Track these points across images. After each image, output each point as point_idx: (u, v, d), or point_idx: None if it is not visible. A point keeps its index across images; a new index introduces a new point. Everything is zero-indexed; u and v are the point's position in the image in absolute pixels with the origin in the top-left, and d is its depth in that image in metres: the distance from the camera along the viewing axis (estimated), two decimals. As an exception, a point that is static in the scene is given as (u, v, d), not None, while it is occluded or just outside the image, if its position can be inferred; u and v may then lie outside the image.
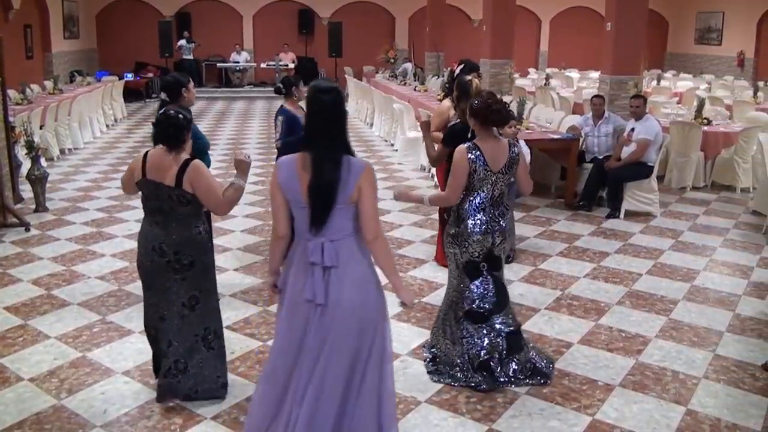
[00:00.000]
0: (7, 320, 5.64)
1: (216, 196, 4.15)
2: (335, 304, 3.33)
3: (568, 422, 4.26)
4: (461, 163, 4.53)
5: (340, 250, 3.34)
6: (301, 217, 3.36)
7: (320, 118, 3.33)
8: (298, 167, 3.32)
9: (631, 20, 11.59)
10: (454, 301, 4.83)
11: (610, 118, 9.34)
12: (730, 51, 24.16)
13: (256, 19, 25.46)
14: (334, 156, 3.29)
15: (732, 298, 6.26)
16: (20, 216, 8.20)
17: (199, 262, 4.26)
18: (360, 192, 3.31)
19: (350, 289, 3.36)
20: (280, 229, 3.45)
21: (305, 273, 3.36)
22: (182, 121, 4.19)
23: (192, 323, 4.33)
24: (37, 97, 14.23)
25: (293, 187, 3.32)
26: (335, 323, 3.35)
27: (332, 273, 3.33)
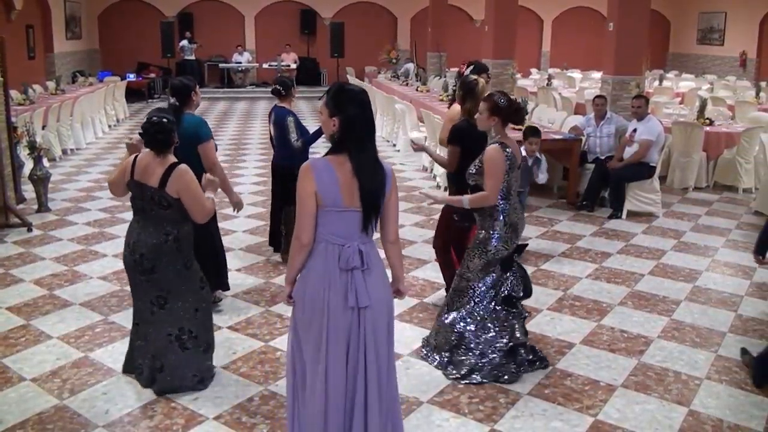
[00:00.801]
0: (9, 320, 5.64)
1: (200, 203, 4.28)
2: (376, 304, 3.35)
3: (570, 423, 4.25)
4: (500, 163, 4.62)
5: (372, 253, 3.37)
6: (338, 222, 3.29)
7: (363, 120, 3.29)
8: (336, 171, 3.25)
9: (633, 20, 11.58)
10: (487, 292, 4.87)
11: (612, 118, 9.34)
12: (732, 51, 24.14)
13: (258, 20, 25.47)
14: (377, 159, 3.32)
15: (734, 298, 6.26)
16: (22, 216, 8.21)
17: (160, 269, 4.35)
18: (389, 195, 3.36)
19: (382, 288, 3.41)
20: (306, 236, 3.30)
21: (341, 278, 3.29)
22: (167, 125, 4.32)
23: (164, 321, 4.44)
24: (39, 97, 14.23)
25: (333, 191, 3.24)
26: (377, 323, 3.36)
27: (367, 275, 3.34)
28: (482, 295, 4.83)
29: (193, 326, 4.48)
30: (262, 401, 4.44)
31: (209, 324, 4.64)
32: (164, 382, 4.50)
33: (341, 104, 3.27)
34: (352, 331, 3.32)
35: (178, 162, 4.30)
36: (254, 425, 4.18)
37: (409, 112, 12.89)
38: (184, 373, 4.49)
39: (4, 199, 8.13)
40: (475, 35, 24.33)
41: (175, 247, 4.35)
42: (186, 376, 4.50)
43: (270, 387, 4.61)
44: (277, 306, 5.94)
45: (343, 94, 3.30)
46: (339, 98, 3.29)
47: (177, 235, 4.35)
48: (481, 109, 4.80)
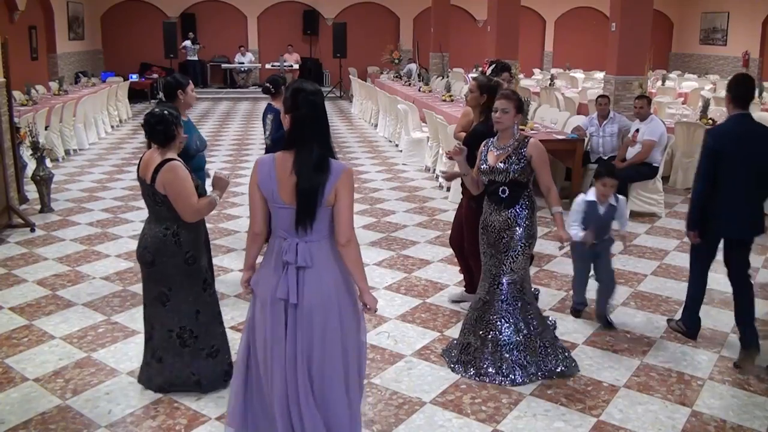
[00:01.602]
0: (12, 320, 5.65)
1: (184, 201, 4.21)
2: (308, 304, 3.35)
3: (573, 423, 4.25)
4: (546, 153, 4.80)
5: (314, 252, 3.35)
6: (279, 216, 3.37)
7: (309, 119, 3.32)
8: (277, 167, 3.34)
9: (636, 20, 11.58)
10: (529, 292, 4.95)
11: (615, 118, 9.33)
12: (735, 51, 24.11)
13: (261, 20, 25.49)
14: (321, 158, 3.30)
15: (737, 299, 6.24)
16: (25, 217, 8.22)
17: (160, 263, 4.34)
18: (337, 195, 3.31)
19: (323, 290, 3.37)
20: (257, 226, 3.48)
21: (278, 271, 3.38)
22: (168, 116, 4.27)
23: (166, 317, 4.43)
24: (42, 98, 14.26)
25: (270, 186, 3.34)
26: (311, 323, 3.36)
27: (306, 273, 3.35)
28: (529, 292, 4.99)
29: (194, 327, 4.44)
30: (265, 401, 4.44)
31: (215, 329, 4.54)
32: (160, 376, 4.47)
33: (294, 103, 3.34)
34: (288, 325, 3.37)
35: (171, 159, 4.23)
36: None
37: (411, 113, 12.88)
38: (181, 370, 4.45)
39: (7, 200, 8.14)
40: (477, 35, 24.39)
41: (173, 242, 4.31)
42: (183, 373, 4.46)
43: (272, 387, 4.60)
44: (280, 306, 5.93)
45: (297, 94, 3.35)
46: (293, 97, 3.35)
47: (176, 230, 4.31)
48: (506, 107, 4.73)
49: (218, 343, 4.56)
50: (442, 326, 5.58)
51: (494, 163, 4.77)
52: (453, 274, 6.65)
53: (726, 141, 4.96)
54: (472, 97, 5.77)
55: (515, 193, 4.75)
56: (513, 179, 4.71)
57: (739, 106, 5.01)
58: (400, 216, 8.73)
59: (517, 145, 4.76)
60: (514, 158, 4.70)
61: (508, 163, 4.70)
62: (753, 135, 4.97)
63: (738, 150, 4.91)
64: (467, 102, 5.87)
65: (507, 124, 4.77)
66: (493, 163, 4.77)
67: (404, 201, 9.51)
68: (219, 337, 4.58)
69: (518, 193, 4.75)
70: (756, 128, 5.03)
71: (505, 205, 4.77)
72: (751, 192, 5.01)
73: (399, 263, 7.02)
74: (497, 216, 4.80)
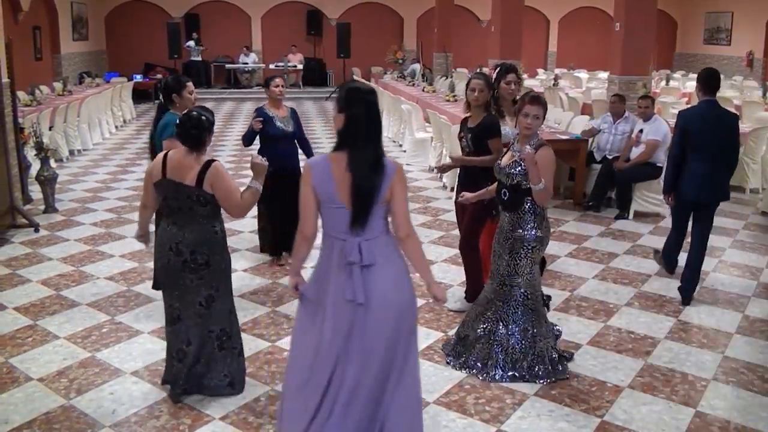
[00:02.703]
0: (16, 320, 5.66)
1: (236, 198, 4.22)
2: (377, 303, 3.36)
3: (577, 423, 4.24)
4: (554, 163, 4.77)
5: (375, 249, 3.38)
6: (335, 217, 3.36)
7: (365, 119, 3.33)
8: (333, 167, 3.33)
9: (640, 20, 11.56)
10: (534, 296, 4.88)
11: (629, 118, 9.25)
12: (738, 51, 24.07)
13: (265, 21, 25.50)
14: (376, 158, 3.33)
15: (741, 299, 6.24)
16: (29, 217, 8.23)
17: (214, 261, 4.29)
18: (392, 192, 3.36)
19: (388, 287, 3.40)
20: (308, 229, 3.43)
21: (341, 274, 3.37)
22: (204, 122, 4.25)
23: (207, 322, 4.37)
24: (45, 98, 14.27)
25: (328, 187, 3.33)
26: (375, 323, 3.37)
27: (370, 271, 3.36)
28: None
29: (229, 328, 4.45)
30: (269, 401, 4.44)
31: (238, 327, 4.59)
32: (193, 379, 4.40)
33: (348, 102, 3.34)
34: (355, 325, 3.36)
35: (212, 160, 4.22)
36: (261, 425, 4.18)
37: (415, 113, 12.89)
38: (215, 372, 4.43)
39: (11, 200, 8.16)
40: (481, 36, 24.36)
41: (222, 239, 4.33)
42: (217, 376, 4.44)
43: (277, 387, 4.60)
44: (284, 306, 5.95)
45: (351, 92, 3.36)
46: (347, 96, 3.36)
47: (222, 227, 4.34)
48: (537, 112, 4.67)
49: (242, 343, 4.60)
50: (446, 326, 5.58)
51: (505, 164, 4.81)
52: (456, 274, 6.65)
53: (693, 121, 6.02)
54: (482, 96, 5.61)
55: (516, 197, 4.73)
56: (515, 183, 4.71)
57: (708, 94, 6.05)
58: (403, 216, 8.71)
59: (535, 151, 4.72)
60: (519, 162, 4.69)
61: (515, 168, 4.71)
62: (716, 117, 5.97)
63: (702, 129, 5.92)
64: (476, 102, 5.68)
65: (536, 130, 4.76)
66: (505, 164, 4.82)
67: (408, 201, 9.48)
68: (240, 335, 4.62)
69: (519, 197, 4.72)
70: (719, 112, 6.03)
71: (504, 207, 4.83)
72: (715, 164, 5.94)
73: (402, 263, 7.01)
74: (504, 217, 4.85)
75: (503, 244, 4.82)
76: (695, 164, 5.95)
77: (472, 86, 5.64)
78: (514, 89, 5.95)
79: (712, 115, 5.95)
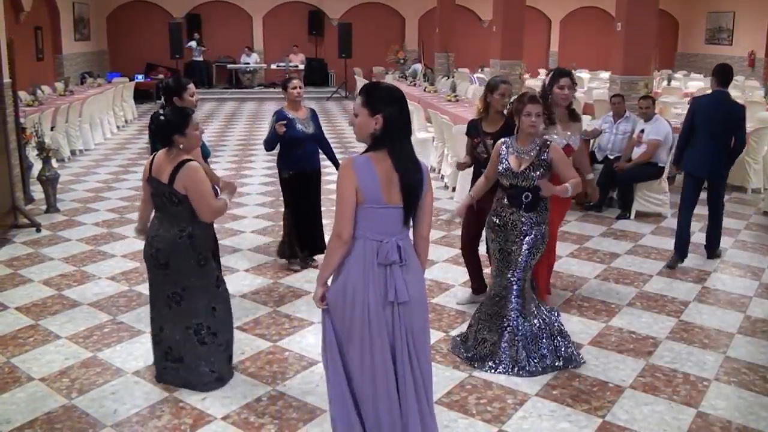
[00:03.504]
0: (18, 320, 5.67)
1: (207, 202, 4.30)
2: (415, 299, 3.41)
3: (579, 424, 4.24)
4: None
5: (408, 248, 3.44)
6: (378, 218, 3.34)
7: (403, 116, 3.36)
8: (377, 168, 3.30)
9: (642, 20, 11.54)
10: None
11: (630, 117, 9.26)
12: (740, 51, 24.04)
13: (266, 21, 25.50)
14: (415, 155, 3.39)
15: (743, 299, 6.23)
16: (31, 217, 8.24)
17: (174, 264, 4.38)
18: (426, 192, 3.41)
19: (419, 283, 3.48)
20: (347, 233, 3.32)
21: (380, 274, 3.35)
22: (164, 122, 4.36)
23: (181, 315, 4.47)
24: (47, 98, 14.27)
25: (374, 188, 3.29)
26: (416, 317, 3.43)
27: (405, 270, 3.39)
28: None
29: (211, 323, 4.51)
30: (270, 401, 4.45)
31: (229, 322, 4.67)
32: (178, 377, 4.54)
33: (381, 102, 3.32)
34: (394, 326, 3.38)
35: (189, 159, 4.31)
36: (262, 425, 4.18)
37: (416, 113, 12.87)
38: (201, 368, 4.50)
39: (13, 200, 8.17)
40: (483, 35, 24.33)
41: (188, 243, 4.36)
42: (204, 371, 4.51)
43: (278, 387, 4.61)
44: (285, 306, 5.95)
45: (381, 92, 3.37)
46: (378, 96, 3.35)
47: (191, 232, 4.36)
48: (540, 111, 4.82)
49: (230, 336, 4.69)
50: (447, 326, 5.58)
51: (517, 168, 4.85)
52: (458, 274, 6.65)
53: (701, 105, 6.99)
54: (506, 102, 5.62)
55: (537, 197, 4.88)
56: (537, 185, 4.84)
57: (721, 85, 6.91)
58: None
59: (539, 150, 4.84)
60: (537, 165, 4.82)
61: (532, 170, 4.82)
62: (723, 105, 6.85)
63: (708, 114, 6.84)
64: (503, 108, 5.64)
65: (540, 128, 4.88)
66: (516, 168, 4.86)
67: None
68: (231, 330, 4.70)
69: (539, 196, 4.89)
70: (727, 100, 6.93)
71: (525, 208, 4.89)
72: (716, 146, 6.83)
73: (404, 263, 7.01)
74: (518, 216, 4.91)
75: (517, 242, 4.92)
76: (699, 143, 6.88)
77: (501, 91, 5.63)
78: (568, 94, 5.72)
79: (721, 102, 6.85)
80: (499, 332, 4.92)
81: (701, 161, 6.90)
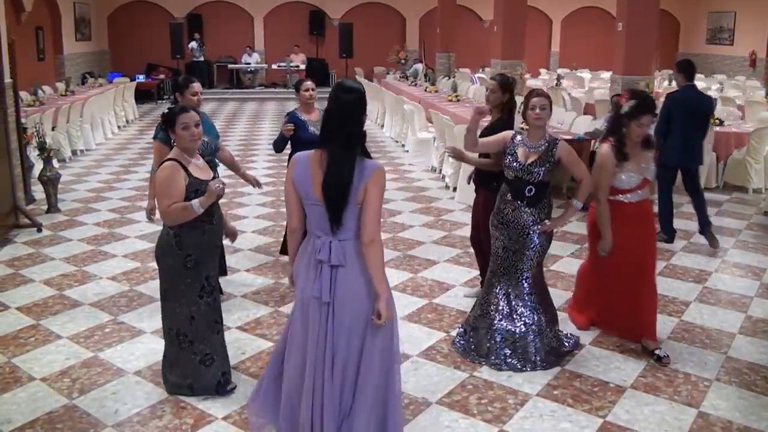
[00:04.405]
0: (19, 320, 5.67)
1: (161, 204, 4.24)
2: (341, 303, 3.36)
3: (580, 424, 4.24)
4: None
5: (348, 250, 3.36)
6: (313, 214, 3.40)
7: (338, 116, 3.35)
8: (312, 164, 3.35)
9: (642, 20, 11.54)
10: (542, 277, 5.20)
11: None
12: (741, 51, 24.03)
13: (267, 21, 25.51)
14: (350, 156, 3.30)
15: (744, 299, 6.23)
16: (32, 217, 8.25)
17: (161, 259, 4.40)
18: (365, 193, 3.30)
19: (356, 289, 3.37)
20: (292, 223, 3.52)
21: (314, 269, 3.41)
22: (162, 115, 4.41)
23: (165, 317, 4.48)
24: (48, 98, 14.30)
25: (306, 183, 3.36)
26: (346, 322, 3.37)
27: (339, 272, 3.36)
28: None
29: (188, 331, 4.40)
30: (271, 401, 4.44)
31: (210, 337, 4.46)
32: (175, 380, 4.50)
33: (329, 99, 3.40)
34: (320, 323, 3.39)
35: (169, 159, 4.29)
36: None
37: (417, 113, 12.89)
38: (180, 371, 4.45)
39: (14, 200, 8.17)
40: (484, 35, 24.30)
41: (174, 242, 4.28)
42: (180, 374, 4.46)
43: (279, 387, 4.61)
44: (286, 306, 5.95)
45: (332, 90, 3.43)
46: (331, 93, 3.42)
47: (177, 231, 4.27)
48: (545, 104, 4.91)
49: (213, 352, 4.47)
50: (448, 326, 5.58)
51: (525, 161, 4.89)
52: (459, 274, 6.65)
53: (679, 101, 7.57)
54: (494, 97, 5.70)
55: (540, 192, 4.92)
56: (541, 180, 4.88)
57: (688, 80, 7.64)
58: (406, 216, 8.73)
59: (547, 146, 4.88)
60: (544, 160, 4.86)
61: (539, 164, 4.85)
62: (698, 98, 7.64)
63: (687, 107, 7.48)
64: (489, 103, 5.75)
65: (546, 120, 4.96)
66: (524, 160, 4.90)
67: (411, 201, 9.51)
68: (214, 346, 4.49)
69: (542, 192, 4.93)
70: (700, 93, 7.79)
71: (527, 202, 4.92)
72: (691, 136, 7.52)
73: (405, 263, 7.02)
74: (520, 213, 4.94)
75: (518, 240, 4.95)
76: (675, 135, 7.46)
77: (489, 87, 5.75)
78: (647, 132, 5.06)
79: (696, 96, 7.65)
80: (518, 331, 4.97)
81: (685, 152, 7.54)
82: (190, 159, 4.33)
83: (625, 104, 4.96)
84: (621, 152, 4.97)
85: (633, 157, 4.99)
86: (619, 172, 4.99)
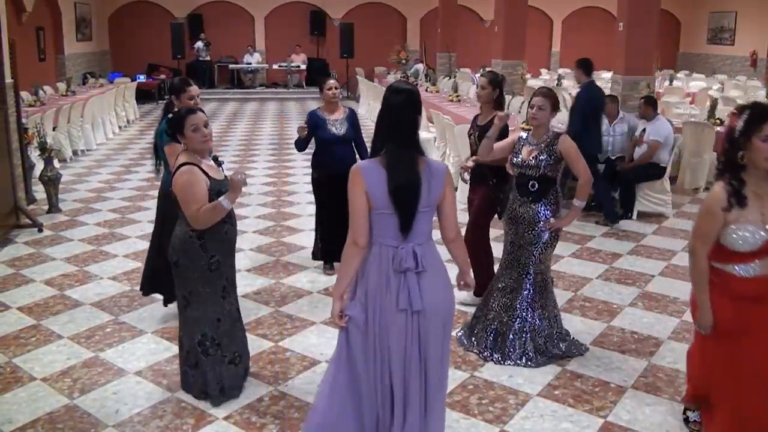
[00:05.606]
0: (20, 320, 5.67)
1: (190, 211, 4.12)
2: (433, 308, 3.29)
3: (580, 424, 4.24)
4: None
5: (426, 254, 3.30)
6: (381, 222, 3.25)
7: (390, 118, 3.30)
8: (380, 171, 3.23)
9: (643, 20, 11.54)
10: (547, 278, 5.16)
11: (625, 117, 9.26)
12: (742, 51, 24.03)
13: (268, 21, 25.52)
14: (410, 157, 3.24)
15: (745, 299, 6.21)
16: (33, 217, 8.25)
17: (183, 265, 4.25)
18: (444, 194, 3.30)
19: (440, 292, 3.35)
20: (363, 239, 3.26)
21: (395, 281, 3.26)
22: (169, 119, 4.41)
23: (189, 323, 4.36)
24: (49, 98, 14.30)
25: (381, 192, 3.21)
26: (430, 326, 3.30)
27: (422, 277, 3.28)
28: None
29: (215, 335, 4.36)
30: (272, 401, 4.45)
31: (236, 335, 4.49)
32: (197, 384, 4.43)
33: (382, 102, 3.36)
34: (407, 334, 3.27)
35: (186, 163, 4.19)
36: (264, 425, 4.18)
37: (418, 113, 12.85)
38: (207, 379, 4.38)
39: (15, 200, 8.17)
40: (484, 35, 24.30)
41: (198, 245, 4.21)
42: (209, 382, 4.38)
43: (280, 387, 4.61)
44: (287, 306, 5.95)
45: (385, 92, 3.39)
46: (383, 98, 3.38)
47: (201, 233, 4.20)
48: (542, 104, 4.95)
49: (239, 350, 4.51)
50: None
51: (527, 157, 4.96)
52: (460, 275, 6.64)
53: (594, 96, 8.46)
54: (484, 93, 5.78)
55: (544, 187, 4.96)
56: (543, 174, 4.92)
57: (589, 76, 8.52)
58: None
59: (549, 141, 4.95)
60: (545, 154, 4.92)
61: (539, 158, 4.91)
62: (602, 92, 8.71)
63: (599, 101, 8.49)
64: (480, 100, 5.84)
65: (542, 120, 4.99)
66: (526, 157, 4.97)
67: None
68: (240, 343, 4.53)
69: (547, 187, 4.97)
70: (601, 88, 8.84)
71: (533, 198, 4.97)
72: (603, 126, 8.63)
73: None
74: (526, 209, 4.99)
75: (525, 236, 4.99)
76: (597, 128, 8.45)
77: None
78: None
79: (600, 90, 8.69)
80: (508, 324, 5.02)
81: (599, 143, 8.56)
82: (202, 159, 4.28)
83: (738, 121, 3.46)
84: (738, 195, 3.42)
85: (756, 201, 3.43)
86: (730, 224, 3.44)
